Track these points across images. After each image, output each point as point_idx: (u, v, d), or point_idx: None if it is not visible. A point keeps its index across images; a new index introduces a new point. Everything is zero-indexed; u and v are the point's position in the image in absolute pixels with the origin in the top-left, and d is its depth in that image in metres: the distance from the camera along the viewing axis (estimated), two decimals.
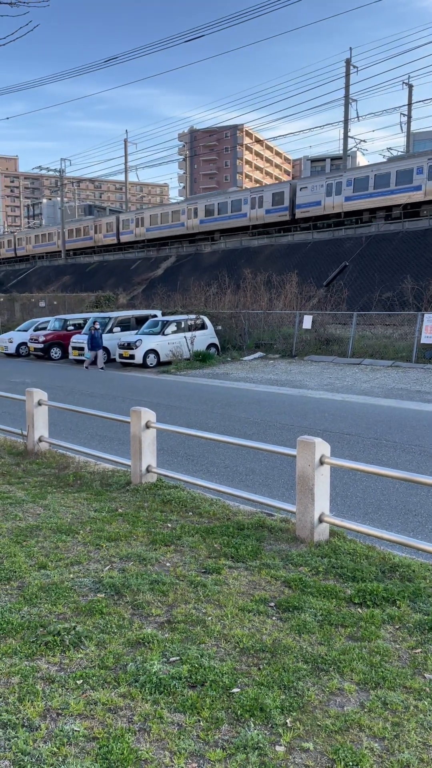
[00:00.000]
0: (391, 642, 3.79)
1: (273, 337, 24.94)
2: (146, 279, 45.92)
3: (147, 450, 7.08)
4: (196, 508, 6.33)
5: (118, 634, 3.85)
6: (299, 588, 4.45)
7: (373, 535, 5.19)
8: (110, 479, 7.47)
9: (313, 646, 3.71)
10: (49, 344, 26.50)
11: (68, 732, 2.94)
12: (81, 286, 47.56)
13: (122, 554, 5.09)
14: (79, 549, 5.24)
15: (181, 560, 4.98)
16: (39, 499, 6.68)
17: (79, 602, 4.25)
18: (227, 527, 5.68)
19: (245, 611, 4.13)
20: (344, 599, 4.30)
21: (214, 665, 3.47)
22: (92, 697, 3.21)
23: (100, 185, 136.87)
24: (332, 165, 67.33)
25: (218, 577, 4.65)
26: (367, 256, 34.20)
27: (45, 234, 65.22)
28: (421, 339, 20.50)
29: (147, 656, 3.56)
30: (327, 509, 5.44)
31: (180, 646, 3.67)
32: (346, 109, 44.89)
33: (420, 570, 4.74)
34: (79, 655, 3.62)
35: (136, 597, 4.32)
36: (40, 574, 4.72)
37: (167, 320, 23.99)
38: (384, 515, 6.47)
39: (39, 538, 5.51)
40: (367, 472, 5.55)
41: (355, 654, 3.62)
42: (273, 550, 5.19)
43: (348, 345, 22.51)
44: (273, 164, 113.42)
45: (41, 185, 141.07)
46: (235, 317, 26.10)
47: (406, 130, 50.40)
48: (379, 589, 4.36)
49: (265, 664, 3.52)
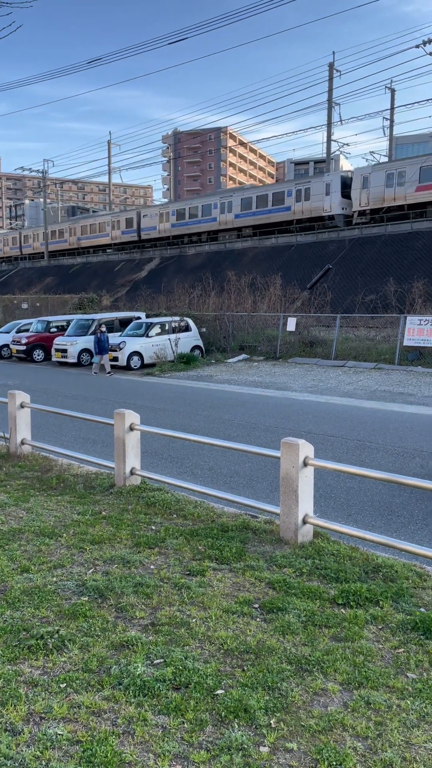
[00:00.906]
0: (375, 642, 3.81)
1: (257, 340, 25.00)
2: (130, 281, 45.81)
3: (131, 452, 7.06)
4: (180, 510, 6.33)
5: (101, 637, 3.83)
6: (283, 589, 4.47)
7: (357, 536, 5.23)
8: (94, 482, 7.44)
9: (296, 646, 3.73)
10: (31, 346, 26.32)
11: (51, 736, 2.92)
12: (64, 288, 47.31)
13: (106, 557, 5.07)
14: (63, 552, 5.21)
15: (165, 563, 4.98)
16: (21, 502, 6.63)
17: (62, 605, 4.23)
18: (211, 529, 5.69)
19: (229, 613, 4.13)
20: (328, 600, 4.32)
21: (199, 667, 3.47)
22: (76, 701, 3.19)
23: (83, 187, 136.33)
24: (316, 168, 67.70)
25: (202, 579, 4.65)
26: (351, 259, 34.43)
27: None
28: (403, 341, 20.67)
29: (131, 659, 3.55)
30: (311, 510, 5.47)
31: (164, 649, 3.67)
32: (329, 112, 45.19)
33: (403, 570, 4.78)
34: (63, 658, 3.60)
35: (119, 600, 4.31)
36: (22, 577, 4.69)
37: (151, 322, 23.95)
38: (367, 516, 6.52)
39: (22, 541, 5.47)
40: (350, 473, 5.59)
41: (338, 654, 3.64)
42: (257, 552, 5.21)
43: (331, 347, 22.64)
44: (257, 167, 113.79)
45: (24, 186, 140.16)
46: (220, 319, 26.13)
47: (389, 134, 50.85)
48: (363, 589, 4.39)
49: (249, 665, 3.53)
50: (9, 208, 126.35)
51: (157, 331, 23.40)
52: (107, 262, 52.30)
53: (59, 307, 35.67)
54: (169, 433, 7.14)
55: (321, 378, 18.68)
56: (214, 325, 26.05)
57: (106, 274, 49.38)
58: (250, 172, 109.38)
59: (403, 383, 17.07)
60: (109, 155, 63.86)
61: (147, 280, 43.87)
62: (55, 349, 24.76)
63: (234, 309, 27.21)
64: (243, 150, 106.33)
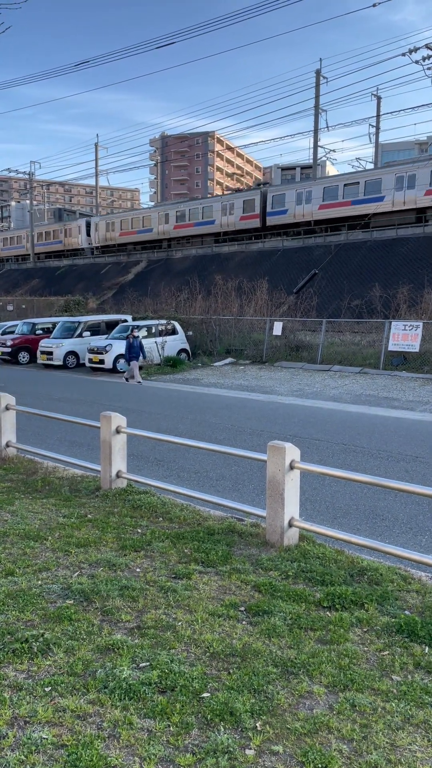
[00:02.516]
0: (360, 645, 3.83)
1: (243, 343, 25.06)
2: (116, 284, 45.70)
3: (117, 455, 7.04)
4: (166, 513, 6.32)
5: (87, 640, 3.81)
6: (269, 592, 4.48)
7: (342, 539, 5.25)
8: (79, 485, 7.41)
9: (282, 649, 3.74)
10: (17, 348, 26.17)
11: (36, 740, 2.90)
12: (50, 290, 47.10)
13: (91, 560, 5.04)
14: (48, 555, 5.18)
15: (151, 566, 4.96)
16: (6, 505, 6.58)
17: (47, 609, 4.20)
18: (197, 532, 5.68)
19: (215, 616, 4.13)
20: (313, 603, 4.34)
21: (184, 670, 3.46)
22: (61, 704, 3.17)
23: (70, 189, 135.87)
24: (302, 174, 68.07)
25: (188, 582, 4.64)
26: (337, 264, 34.64)
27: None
28: (388, 346, 20.83)
29: (116, 662, 3.54)
30: (297, 514, 5.49)
31: (150, 652, 3.66)
32: (315, 118, 45.47)
33: (387, 573, 4.81)
34: (48, 662, 3.58)
35: (105, 603, 4.29)
36: (7, 581, 4.65)
37: (138, 325, 23.91)
38: (352, 519, 6.55)
39: (6, 544, 5.43)
40: (336, 476, 5.62)
41: (324, 657, 3.65)
42: (243, 555, 5.21)
43: (317, 351, 22.74)
44: (244, 172, 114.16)
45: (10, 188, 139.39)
46: (206, 323, 26.16)
47: (375, 140, 51.28)
48: (348, 592, 4.41)
49: (235, 668, 3.53)
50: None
51: (143, 334, 23.36)
52: (94, 265, 52.15)
53: (45, 309, 35.51)
54: (155, 436, 7.13)
55: (307, 382, 18.75)
56: (200, 329, 26.07)
57: (93, 277, 49.23)
58: (237, 176, 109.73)
59: (388, 388, 17.19)
60: (96, 158, 63.73)
61: (134, 283, 43.81)
62: (41, 352, 24.63)
63: (221, 313, 27.26)
64: (230, 154, 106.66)
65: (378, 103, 50.27)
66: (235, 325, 26.04)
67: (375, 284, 27.82)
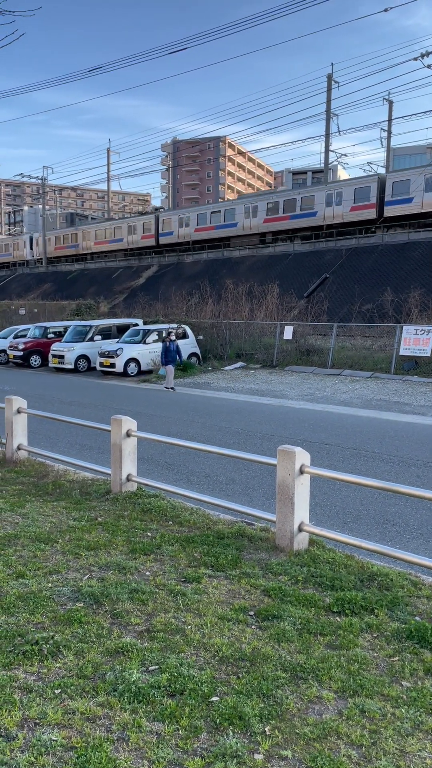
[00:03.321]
0: (369, 650, 3.82)
1: (254, 348, 25.06)
2: (128, 288, 45.87)
3: (127, 459, 7.07)
4: (176, 517, 6.33)
5: (96, 643, 3.83)
6: (278, 597, 4.47)
7: (352, 545, 5.24)
8: (90, 488, 7.44)
9: (292, 654, 3.73)
10: (28, 352, 26.32)
11: (46, 741, 2.91)
12: (62, 294, 47.34)
13: (101, 563, 5.06)
14: (58, 558, 5.20)
15: (161, 569, 4.97)
16: (17, 508, 6.62)
17: (57, 611, 4.22)
18: (207, 536, 5.69)
19: (225, 620, 4.13)
20: (323, 608, 4.33)
21: (194, 674, 3.46)
22: (70, 707, 3.19)
23: (82, 194, 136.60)
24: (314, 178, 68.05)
25: (198, 586, 4.65)
26: (348, 268, 34.56)
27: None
28: (399, 351, 20.74)
29: (126, 665, 3.55)
30: (306, 518, 5.48)
31: (159, 655, 3.67)
32: (327, 123, 45.47)
33: (398, 579, 4.79)
34: (57, 664, 3.60)
35: (115, 606, 4.30)
36: (18, 583, 4.68)
37: (148, 329, 23.98)
38: (363, 524, 6.53)
39: (17, 546, 5.46)
40: (346, 481, 5.60)
41: (333, 662, 3.64)
42: (253, 559, 5.21)
43: (328, 356, 22.69)
44: (255, 176, 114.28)
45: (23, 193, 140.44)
46: (217, 327, 26.18)
47: (386, 145, 51.18)
48: (358, 597, 4.40)
49: (244, 672, 3.53)
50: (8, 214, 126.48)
51: (154, 338, 23.42)
52: (105, 269, 52.39)
53: (57, 313, 35.70)
54: (165, 440, 7.15)
55: (317, 386, 18.71)
56: (211, 333, 26.10)
57: (104, 281, 49.46)
58: (248, 181, 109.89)
59: (399, 392, 17.11)
60: (108, 163, 64.07)
61: (145, 287, 43.95)
62: (52, 355, 24.75)
63: (231, 317, 27.27)
64: (242, 159, 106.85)
65: (390, 108, 50.20)
66: (245, 329, 26.05)
67: (386, 288, 27.73)
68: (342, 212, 37.16)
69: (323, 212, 37.89)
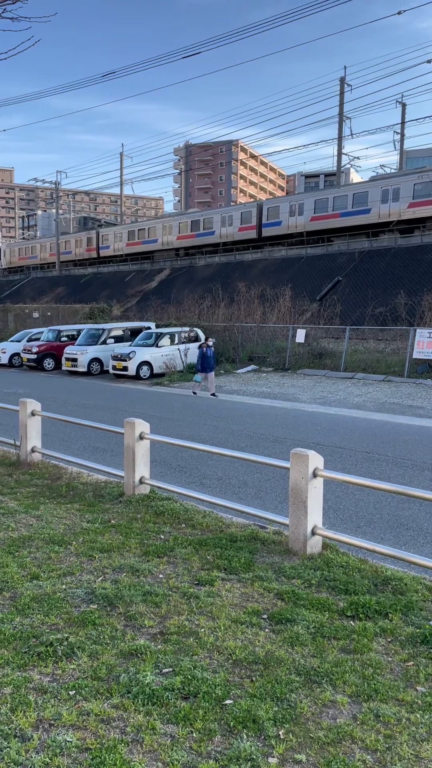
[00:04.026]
0: (384, 655, 3.80)
1: (266, 351, 25.03)
2: (140, 291, 46.03)
3: (140, 461, 7.09)
4: (189, 519, 6.33)
5: (110, 645, 3.84)
6: (292, 600, 4.46)
7: (366, 548, 5.22)
8: (103, 490, 7.46)
9: (305, 658, 3.72)
10: (42, 355, 26.48)
11: (61, 742, 2.93)
12: (75, 298, 47.58)
13: (115, 565, 5.08)
14: (72, 560, 5.23)
15: (174, 572, 4.98)
16: (32, 510, 6.66)
17: (71, 613, 4.24)
18: (220, 539, 5.69)
19: (238, 623, 4.13)
20: (337, 612, 4.31)
21: (207, 677, 3.47)
22: (85, 708, 3.20)
23: (95, 198, 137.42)
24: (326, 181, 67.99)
25: (211, 588, 4.65)
26: (361, 271, 34.46)
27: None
28: (413, 354, 20.63)
29: (140, 667, 3.56)
30: (320, 522, 5.46)
31: (173, 658, 3.67)
32: (340, 126, 45.46)
33: (412, 583, 4.76)
34: (72, 665, 3.61)
35: (128, 608, 4.32)
36: (32, 584, 4.71)
37: (161, 332, 24.05)
38: (376, 528, 6.50)
39: (31, 548, 5.50)
40: (359, 485, 5.58)
41: (347, 666, 3.63)
42: (266, 563, 5.20)
43: (341, 359, 22.62)
44: (267, 180, 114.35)
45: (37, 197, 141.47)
46: (229, 330, 26.20)
47: (399, 148, 51.01)
48: (372, 602, 4.38)
49: (258, 675, 3.52)
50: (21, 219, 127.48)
51: (166, 341, 23.49)
52: (118, 273, 52.63)
53: (70, 317, 35.90)
54: (178, 443, 7.16)
55: (330, 390, 18.65)
56: (223, 336, 26.11)
57: (117, 285, 49.66)
58: (261, 184, 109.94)
59: (413, 396, 17.02)
60: (121, 167, 64.45)
61: (157, 290, 44.08)
62: (66, 358, 24.89)
63: (243, 320, 27.28)
64: (254, 163, 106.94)
65: (403, 110, 50.07)
66: (257, 333, 26.04)
67: (400, 291, 27.60)
68: (233, 232, 45.09)
69: (219, 231, 46.17)
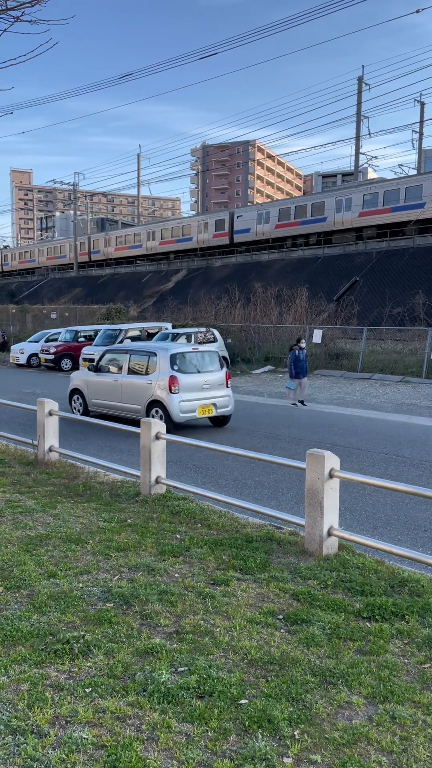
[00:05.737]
0: (400, 656, 3.77)
1: (283, 351, 24.94)
2: (157, 292, 46.20)
3: (156, 461, 7.11)
4: (204, 519, 6.34)
5: (126, 643, 3.86)
6: (307, 601, 4.45)
7: (382, 550, 5.19)
8: (119, 490, 7.50)
9: (321, 659, 3.71)
10: (59, 355, 26.65)
11: (77, 739, 2.95)
12: (92, 299, 47.89)
13: (131, 564, 5.11)
14: (89, 558, 5.26)
15: (190, 571, 4.99)
16: (49, 509, 6.71)
17: (88, 611, 4.27)
18: (236, 539, 5.69)
19: (253, 623, 4.13)
20: (353, 613, 4.30)
21: (222, 676, 3.47)
22: (101, 706, 3.22)
23: (112, 199, 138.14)
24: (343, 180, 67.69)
25: (226, 588, 4.66)
26: (378, 272, 34.25)
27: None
28: (431, 354, 20.46)
29: (155, 666, 3.58)
30: (336, 523, 5.44)
31: (188, 657, 3.68)
32: (357, 125, 45.23)
33: (429, 585, 4.72)
34: (88, 663, 3.64)
35: (144, 607, 4.34)
36: (49, 582, 4.75)
37: (177, 333, 24.08)
38: (393, 530, 6.46)
39: (49, 547, 5.54)
40: (376, 486, 5.55)
41: (363, 668, 3.61)
42: (281, 563, 5.20)
43: (358, 360, 22.50)
44: (284, 180, 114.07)
45: (54, 198, 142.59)
46: (245, 330, 26.19)
47: (418, 147, 50.62)
48: (388, 603, 4.36)
49: (273, 676, 3.52)
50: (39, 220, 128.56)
51: (183, 341, 23.49)
52: (135, 273, 52.88)
53: (87, 317, 36.09)
54: (194, 443, 7.18)
55: (347, 390, 18.56)
56: (239, 337, 26.11)
57: (134, 285, 49.90)
58: (278, 185, 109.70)
59: (431, 397, 16.87)
60: (138, 168, 64.74)
61: (174, 291, 44.19)
62: (83, 359, 24.97)
63: (260, 320, 27.25)
64: (271, 163, 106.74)
65: (421, 109, 49.70)
66: (274, 333, 25.99)
67: (418, 291, 27.41)
68: (208, 238, 49.77)
69: (196, 237, 51.13)
